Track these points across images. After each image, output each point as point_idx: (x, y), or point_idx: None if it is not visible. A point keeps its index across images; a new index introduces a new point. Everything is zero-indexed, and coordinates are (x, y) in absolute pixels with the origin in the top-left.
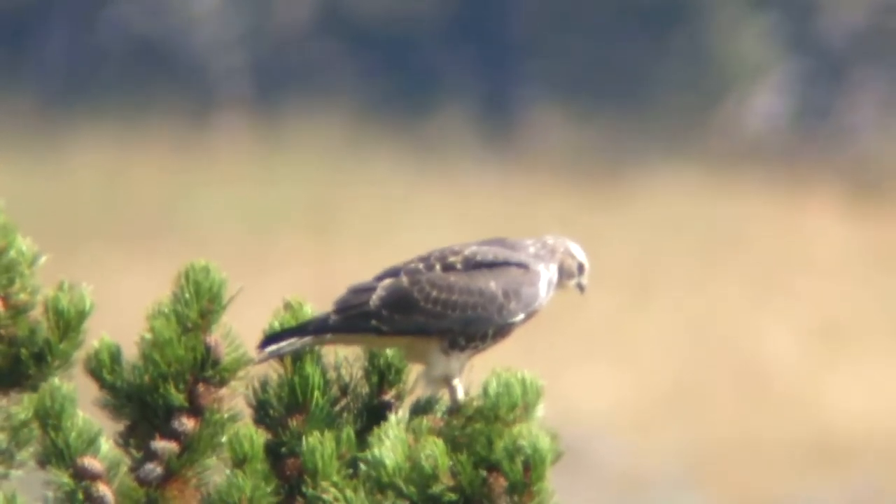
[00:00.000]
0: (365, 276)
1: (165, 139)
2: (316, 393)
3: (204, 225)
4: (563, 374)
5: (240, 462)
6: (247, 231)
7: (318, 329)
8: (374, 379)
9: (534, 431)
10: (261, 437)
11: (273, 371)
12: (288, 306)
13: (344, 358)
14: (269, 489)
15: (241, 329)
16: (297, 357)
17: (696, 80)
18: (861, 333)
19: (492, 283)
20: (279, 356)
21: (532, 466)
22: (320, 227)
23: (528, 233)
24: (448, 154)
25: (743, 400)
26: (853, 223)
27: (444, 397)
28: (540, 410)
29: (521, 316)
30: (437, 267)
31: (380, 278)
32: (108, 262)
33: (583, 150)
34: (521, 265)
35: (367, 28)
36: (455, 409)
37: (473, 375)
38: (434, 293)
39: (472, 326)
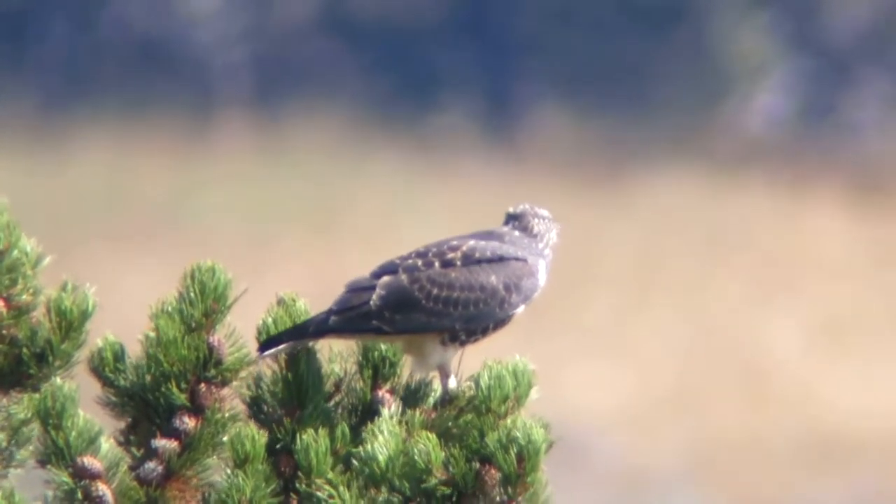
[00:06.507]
0: (366, 273)
1: (166, 137)
2: (310, 389)
3: (205, 223)
4: (564, 372)
5: (241, 462)
6: (248, 228)
7: (319, 331)
8: (368, 373)
9: (527, 422)
10: (263, 437)
11: (267, 367)
12: (281, 302)
13: (338, 353)
14: (269, 490)
15: (241, 326)
16: (292, 352)
17: (698, 78)
18: (864, 332)
19: (492, 278)
20: (277, 357)
21: (526, 457)
22: (322, 225)
23: None
24: (450, 152)
25: (745, 399)
26: (856, 222)
27: (435, 385)
28: (534, 394)
29: (522, 308)
30: (437, 264)
31: (377, 275)
32: (108, 260)
33: (585, 148)
34: (520, 259)
35: (369, 26)
36: (446, 399)
37: (463, 365)
38: (435, 291)
39: (474, 322)
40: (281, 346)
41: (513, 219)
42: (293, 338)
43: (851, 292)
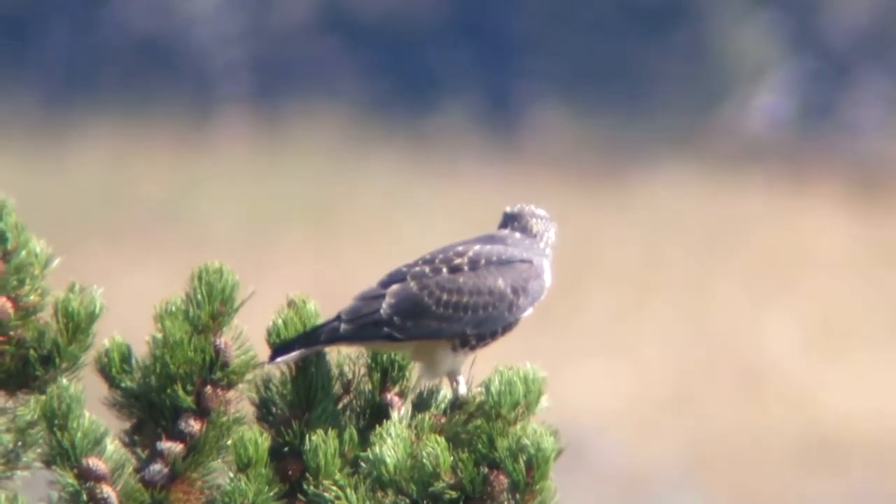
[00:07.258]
0: (366, 273)
1: (166, 136)
2: (319, 392)
3: (205, 222)
4: (563, 372)
5: (244, 466)
6: (248, 228)
7: (330, 339)
8: (377, 376)
9: (537, 430)
10: (266, 441)
11: (276, 369)
12: (292, 304)
13: (347, 355)
14: (271, 493)
15: (245, 325)
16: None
17: (698, 78)
18: (863, 332)
19: (500, 281)
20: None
21: (535, 466)
22: (322, 224)
23: None
24: (449, 151)
25: (744, 398)
26: (856, 222)
27: (446, 391)
28: (544, 402)
29: (530, 310)
30: (444, 270)
31: (385, 284)
32: (109, 259)
33: (584, 148)
34: (525, 261)
35: (368, 25)
36: (457, 404)
37: (475, 370)
38: (444, 297)
39: (484, 326)
40: (292, 354)
41: (511, 219)
42: (304, 345)
43: (850, 292)
